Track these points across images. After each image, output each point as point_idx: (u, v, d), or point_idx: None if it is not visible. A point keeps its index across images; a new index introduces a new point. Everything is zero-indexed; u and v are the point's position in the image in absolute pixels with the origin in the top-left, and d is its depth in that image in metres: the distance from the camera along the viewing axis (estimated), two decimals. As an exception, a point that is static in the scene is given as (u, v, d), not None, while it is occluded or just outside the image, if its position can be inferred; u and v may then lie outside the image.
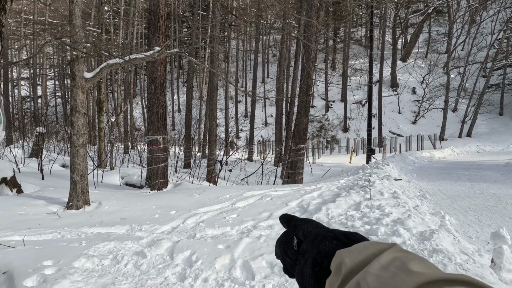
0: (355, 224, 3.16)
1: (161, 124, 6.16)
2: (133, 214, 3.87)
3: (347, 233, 0.38)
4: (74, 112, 3.99)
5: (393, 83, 25.28)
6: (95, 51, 4.36)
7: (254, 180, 8.68)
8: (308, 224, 0.44)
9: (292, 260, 0.41)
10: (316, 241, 0.37)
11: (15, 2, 19.26)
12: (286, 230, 0.45)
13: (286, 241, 0.43)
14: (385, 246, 0.30)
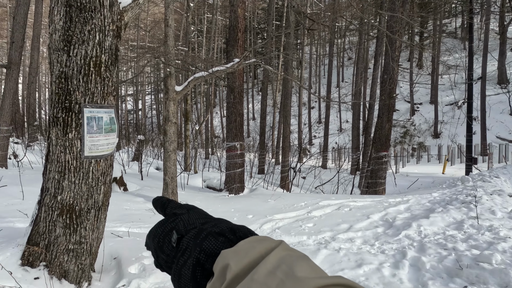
0: (458, 247, 2.67)
1: (238, 131, 6.48)
2: (214, 216, 4.13)
3: (234, 228, 0.33)
4: (167, 121, 4.53)
5: (502, 79, 21.01)
6: (184, 66, 4.88)
7: (329, 189, 8.31)
8: (191, 214, 0.37)
9: (169, 258, 0.34)
10: (200, 237, 0.32)
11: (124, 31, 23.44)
12: (163, 219, 0.37)
13: (162, 233, 0.35)
14: (272, 245, 0.28)
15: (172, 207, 0.39)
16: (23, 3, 6.85)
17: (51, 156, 1.90)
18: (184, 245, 0.32)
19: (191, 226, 0.34)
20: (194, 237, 0.32)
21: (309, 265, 0.26)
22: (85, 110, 1.88)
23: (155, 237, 0.35)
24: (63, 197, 1.90)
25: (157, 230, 0.36)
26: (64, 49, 1.81)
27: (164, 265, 0.35)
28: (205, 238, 0.31)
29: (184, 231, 0.34)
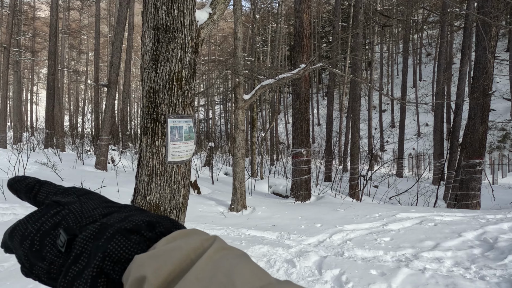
0: None
1: (304, 137, 6.38)
2: (282, 222, 4.12)
3: (152, 221, 0.24)
4: (236, 128, 4.74)
5: None
6: (252, 75, 5.06)
7: (407, 200, 7.47)
8: (85, 202, 0.26)
9: (53, 266, 0.23)
10: (104, 237, 0.23)
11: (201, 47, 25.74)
12: (37, 211, 0.26)
13: (38, 232, 0.24)
14: (203, 243, 0.21)
15: (49, 192, 0.28)
16: (119, 32, 8.13)
17: (142, 161, 2.16)
18: (79, 249, 0.23)
19: (87, 220, 0.25)
20: (94, 237, 0.23)
21: (251, 268, 0.20)
22: (169, 120, 2.09)
23: (25, 239, 0.25)
24: (151, 198, 2.14)
25: (27, 227, 0.25)
26: (152, 67, 2.06)
27: (44, 276, 0.24)
28: (111, 238, 0.23)
29: (77, 228, 0.25)
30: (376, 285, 2.30)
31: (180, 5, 2.03)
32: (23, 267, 0.25)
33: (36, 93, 32.93)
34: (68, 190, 0.28)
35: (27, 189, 0.28)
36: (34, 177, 0.29)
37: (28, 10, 20.87)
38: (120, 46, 8.15)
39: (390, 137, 23.13)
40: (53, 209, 0.26)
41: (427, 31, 26.57)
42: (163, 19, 2.01)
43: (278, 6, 17.20)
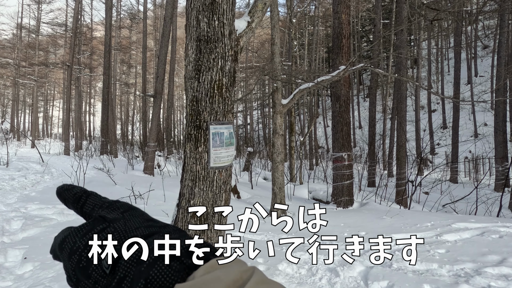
0: None
1: (345, 141, 6.15)
2: (323, 229, 3.99)
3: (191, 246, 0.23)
4: (274, 133, 4.74)
5: None
6: (290, 80, 5.04)
7: (464, 208, 6.77)
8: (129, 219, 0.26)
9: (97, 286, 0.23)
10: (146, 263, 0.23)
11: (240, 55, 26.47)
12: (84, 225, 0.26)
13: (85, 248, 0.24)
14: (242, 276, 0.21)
15: (95, 205, 0.28)
16: (164, 45, 8.69)
17: (186, 167, 2.26)
18: (122, 272, 0.24)
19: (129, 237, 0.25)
20: (137, 261, 0.24)
21: None
22: (210, 127, 2.17)
23: (73, 253, 0.25)
24: (195, 202, 2.23)
25: (76, 241, 0.25)
26: (195, 77, 2.16)
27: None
28: (153, 264, 0.23)
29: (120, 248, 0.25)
30: (431, 302, 2.11)
31: (220, 16, 2.10)
32: (70, 280, 0.26)
33: (93, 105, 36.55)
34: (113, 204, 0.28)
35: (75, 199, 0.29)
36: (81, 186, 0.30)
37: (86, 31, 23.36)
38: (164, 58, 8.70)
39: (442, 139, 21.27)
40: (100, 224, 0.26)
41: (483, 21, 24.11)
42: (204, 30, 2.10)
43: (315, 8, 16.98)
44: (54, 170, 7.76)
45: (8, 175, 6.44)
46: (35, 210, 3.97)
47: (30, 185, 5.74)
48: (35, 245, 2.79)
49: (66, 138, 13.90)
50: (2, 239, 2.91)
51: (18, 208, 3.96)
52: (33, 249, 2.70)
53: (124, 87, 30.29)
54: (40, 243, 2.84)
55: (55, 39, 26.49)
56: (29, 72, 24.94)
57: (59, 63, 23.84)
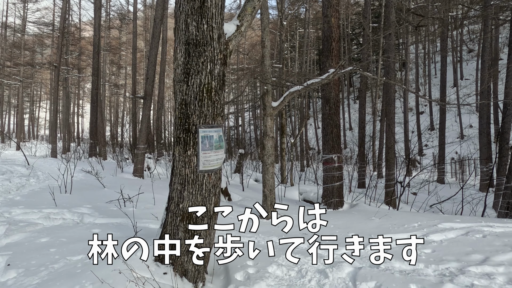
0: None
1: (335, 143, 6.22)
2: (312, 231, 4.03)
3: None
4: (265, 135, 4.76)
5: None
6: (280, 83, 5.08)
7: (450, 208, 6.93)
8: None
9: None
10: None
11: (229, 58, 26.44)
12: None
13: None
14: None
15: None
16: (154, 47, 8.62)
17: (175, 170, 2.26)
18: None
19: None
20: None
21: None
22: (200, 130, 2.17)
23: None
24: (184, 205, 2.22)
25: None
26: (184, 80, 2.16)
27: None
28: None
29: None
30: (417, 301, 2.15)
31: (209, 20, 2.11)
32: None
33: (82, 106, 35.86)
34: None
35: None
36: None
37: (74, 31, 22.94)
38: (154, 60, 8.63)
39: (429, 141, 21.74)
40: None
41: (467, 26, 24.83)
42: (193, 34, 2.11)
43: (306, 11, 17.15)
44: (41, 173, 7.58)
45: (-9, 178, 6.26)
46: (19, 214, 3.87)
47: (15, 189, 5.60)
48: (19, 251, 2.72)
49: (53, 140, 13.61)
50: (-16, 246, 2.83)
51: (1, 213, 3.86)
52: (17, 255, 2.64)
53: (114, 88, 29.85)
54: (24, 249, 2.78)
55: (41, 39, 25.92)
56: (14, 72, 24.31)
57: (46, 63, 23.35)
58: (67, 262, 2.49)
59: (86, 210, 4.26)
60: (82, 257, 2.58)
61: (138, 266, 2.18)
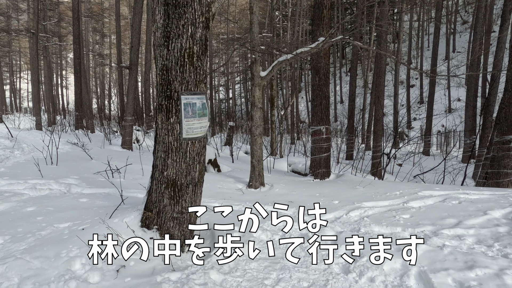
0: None
1: (324, 114, 6.24)
2: (299, 199, 4.16)
3: None
4: (253, 106, 4.72)
5: None
6: (268, 51, 4.94)
7: (432, 179, 7.21)
8: None
9: None
10: None
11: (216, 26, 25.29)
12: None
13: None
14: None
15: None
16: (137, 13, 8.15)
17: (158, 138, 2.23)
18: None
19: None
20: None
21: None
22: (182, 97, 2.12)
23: None
24: (168, 173, 2.23)
25: None
26: (164, 44, 2.07)
27: None
28: None
29: None
30: (392, 261, 2.29)
31: (189, -22, 1.98)
32: None
33: (66, 77, 34.41)
34: None
35: None
36: None
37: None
38: (138, 26, 8.20)
39: (418, 114, 22.02)
40: None
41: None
42: (172, -7, 1.98)
43: (299, -24, 16.29)
44: (25, 145, 7.42)
45: (-27, 150, 6.11)
46: (4, 185, 3.83)
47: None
48: (5, 220, 2.73)
49: (37, 112, 13.17)
50: (-30, 215, 2.83)
51: (-14, 184, 3.81)
52: (3, 223, 2.65)
53: (99, 58, 28.56)
54: (10, 218, 2.79)
55: (16, 3, 24.12)
56: (-11, 40, 22.82)
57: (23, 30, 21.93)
58: (54, 229, 2.53)
59: (73, 181, 4.25)
60: (69, 224, 2.61)
61: (124, 231, 2.23)
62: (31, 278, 1.82)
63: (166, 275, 1.93)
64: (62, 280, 1.77)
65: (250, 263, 2.25)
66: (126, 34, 26.40)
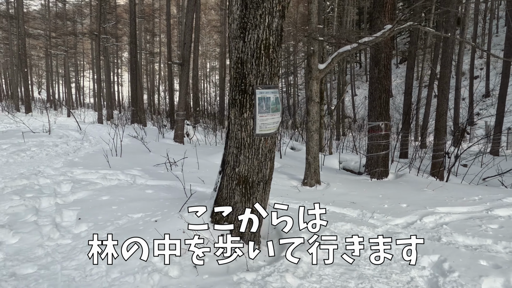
0: None
1: (383, 109, 5.79)
2: (361, 200, 3.89)
3: None
4: (310, 101, 4.52)
5: None
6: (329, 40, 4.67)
7: (508, 182, 6.32)
8: None
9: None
10: None
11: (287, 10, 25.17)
12: None
13: None
14: None
15: None
16: (190, 10, 8.36)
17: (231, 134, 2.19)
18: None
19: None
20: None
21: None
22: (256, 91, 2.04)
23: None
24: (240, 170, 2.18)
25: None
26: (240, 36, 1.99)
27: None
28: None
29: None
30: (490, 279, 1.98)
31: (269, -36, 1.87)
32: None
33: (120, 75, 37.29)
34: None
35: None
36: None
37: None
38: (191, 23, 8.42)
39: (483, 109, 19.66)
40: None
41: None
42: (251, -18, 1.89)
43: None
44: (92, 137, 8.12)
45: (51, 141, 6.83)
46: (80, 174, 4.19)
47: (72, 151, 6.06)
48: (86, 207, 2.95)
49: (99, 107, 14.43)
50: (56, 201, 3.11)
51: (65, 173, 4.20)
52: (85, 210, 2.86)
53: (149, 56, 30.35)
54: (90, 205, 3.00)
55: (80, 8, 26.60)
56: (59, 42, 25.56)
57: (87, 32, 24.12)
58: (129, 219, 2.65)
59: (137, 172, 4.49)
60: (142, 215, 2.72)
61: (198, 226, 2.24)
62: (117, 266, 1.90)
63: (241, 275, 1.88)
64: (145, 272, 1.81)
65: (324, 269, 2.12)
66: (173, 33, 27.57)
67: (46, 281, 1.80)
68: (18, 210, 2.82)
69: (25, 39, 17.94)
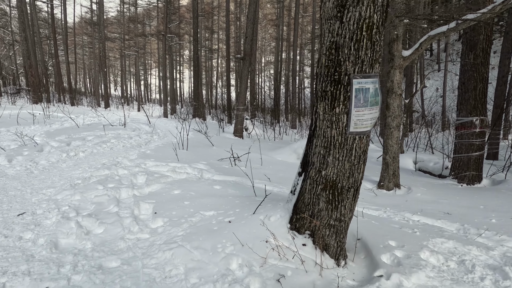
0: None
1: (479, 102, 4.86)
2: (457, 210, 3.27)
3: None
4: (391, 93, 3.97)
5: None
6: (416, 18, 4.03)
7: None
8: None
9: None
10: None
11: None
12: None
13: None
14: None
15: None
16: (252, 2, 8.22)
17: (318, 131, 1.91)
18: None
19: None
20: None
21: None
22: (354, 81, 1.71)
23: None
24: (327, 173, 1.89)
25: None
26: (337, 15, 1.68)
27: None
28: None
29: None
30: None
31: None
32: None
33: (182, 72, 39.73)
34: None
35: None
36: None
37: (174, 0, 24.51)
38: (253, 17, 8.29)
39: None
40: None
41: None
42: None
43: None
44: (159, 131, 8.66)
45: (126, 134, 7.44)
46: (152, 166, 4.38)
47: (144, 144, 6.47)
48: (160, 201, 2.99)
49: (164, 102, 15.47)
50: (134, 192, 3.24)
51: (139, 164, 4.43)
52: (159, 204, 2.90)
53: (208, 53, 31.61)
54: (163, 199, 3.04)
55: (149, 11, 28.87)
56: (131, 44, 28.20)
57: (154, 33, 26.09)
58: (202, 217, 2.58)
59: (203, 166, 4.52)
60: (214, 213, 2.63)
61: (276, 233, 2.03)
62: (195, 271, 1.80)
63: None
64: (226, 281, 1.67)
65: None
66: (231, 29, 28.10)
67: (129, 278, 1.79)
68: (102, 200, 2.98)
69: (105, 42, 20.13)
